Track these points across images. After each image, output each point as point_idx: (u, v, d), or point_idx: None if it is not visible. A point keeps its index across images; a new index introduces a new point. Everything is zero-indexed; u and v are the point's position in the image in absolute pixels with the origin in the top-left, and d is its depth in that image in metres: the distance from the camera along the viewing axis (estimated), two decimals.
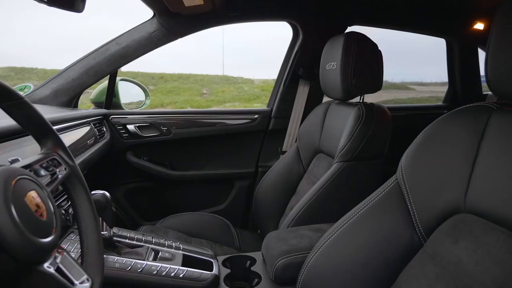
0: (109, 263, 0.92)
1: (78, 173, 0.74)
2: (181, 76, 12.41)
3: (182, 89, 11.60)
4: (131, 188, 1.85)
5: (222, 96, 11.28)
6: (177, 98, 10.67)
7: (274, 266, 0.98)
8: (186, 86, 11.90)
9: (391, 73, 11.37)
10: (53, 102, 1.56)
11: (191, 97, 10.94)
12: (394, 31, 1.98)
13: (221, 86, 12.14)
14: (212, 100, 11.08)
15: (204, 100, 11.00)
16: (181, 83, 12.01)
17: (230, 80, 12.78)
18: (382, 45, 1.35)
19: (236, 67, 18.54)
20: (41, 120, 0.69)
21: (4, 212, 0.47)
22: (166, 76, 12.31)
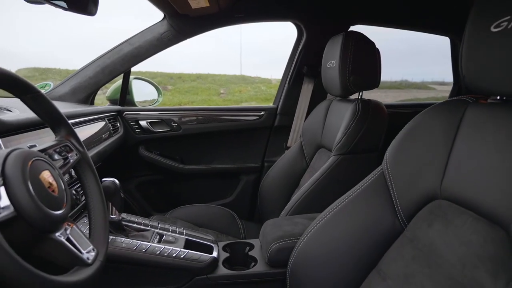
0: (117, 243, 1.01)
1: (87, 158, 0.84)
2: (199, 76, 12.55)
3: (200, 88, 11.74)
4: (143, 181, 1.96)
5: (239, 96, 11.36)
6: (194, 98, 10.81)
7: (269, 250, 1.05)
8: (204, 86, 12.03)
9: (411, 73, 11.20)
10: (72, 99, 1.68)
11: (208, 97, 11.06)
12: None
13: (238, 86, 12.22)
14: (229, 99, 11.17)
15: (221, 100, 11.10)
16: (199, 83, 12.14)
17: (248, 80, 12.85)
18: (401, 44, 1.40)
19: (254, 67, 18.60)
20: (55, 111, 0.78)
21: (22, 187, 0.56)
22: (184, 76, 12.47)
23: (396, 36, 1.84)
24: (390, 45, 1.51)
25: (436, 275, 0.69)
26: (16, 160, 0.59)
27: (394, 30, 1.97)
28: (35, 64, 11.72)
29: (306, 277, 0.91)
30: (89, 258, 0.68)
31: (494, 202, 0.63)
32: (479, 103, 0.76)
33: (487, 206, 0.64)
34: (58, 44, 16.24)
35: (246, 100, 10.91)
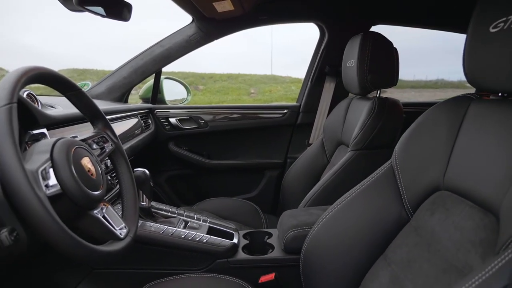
0: (146, 227, 1.12)
1: (121, 148, 0.95)
2: (230, 76, 12.69)
3: (231, 88, 11.86)
4: (172, 175, 2.08)
5: (269, 96, 11.40)
6: (225, 98, 10.95)
7: (285, 238, 1.13)
8: (235, 85, 12.15)
9: (448, 71, 10.81)
10: (107, 98, 1.82)
11: (239, 97, 11.15)
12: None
13: (269, 86, 12.25)
14: (259, 99, 11.23)
15: (252, 100, 11.17)
16: (230, 83, 12.27)
17: (278, 79, 12.86)
18: (436, 42, 1.41)
19: (285, 67, 18.58)
20: (94, 106, 0.90)
21: (67, 169, 0.67)
22: (215, 76, 12.64)
23: (431, 34, 1.82)
24: (425, 43, 1.50)
25: (434, 258, 0.74)
26: (62, 146, 0.70)
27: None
28: (74, 65, 12.35)
29: (318, 262, 0.97)
30: (121, 233, 0.78)
31: (488, 192, 0.67)
32: (483, 99, 0.80)
33: (482, 195, 0.68)
34: (96, 46, 16.99)
35: (276, 100, 10.93)
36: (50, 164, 0.66)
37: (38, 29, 19.17)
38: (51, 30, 18.82)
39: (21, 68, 0.67)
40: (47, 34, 18.99)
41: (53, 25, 20.03)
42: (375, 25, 1.89)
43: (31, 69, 0.69)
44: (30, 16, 17.71)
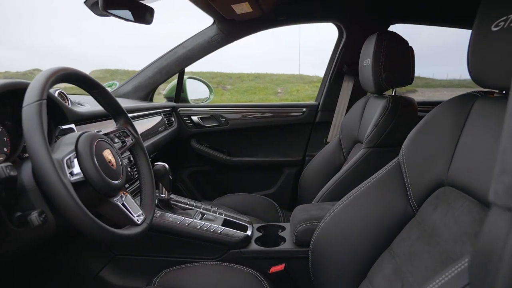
0: (164, 217, 1.19)
1: (141, 142, 1.03)
2: (258, 76, 12.75)
3: (258, 88, 11.93)
4: (194, 171, 2.16)
5: (296, 95, 11.38)
6: (252, 97, 11.03)
7: (295, 231, 1.17)
8: (262, 85, 12.20)
9: None
10: (134, 96, 1.92)
11: (266, 96, 11.20)
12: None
13: (296, 85, 12.22)
14: (286, 99, 11.23)
15: (278, 99, 11.19)
16: (257, 83, 12.34)
17: (306, 79, 12.80)
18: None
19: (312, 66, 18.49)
20: (116, 104, 0.98)
21: (89, 159, 0.75)
22: (243, 76, 12.75)
23: (464, 36, 1.77)
24: (460, 40, 1.47)
25: (433, 251, 0.77)
26: (86, 139, 0.78)
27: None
28: (107, 65, 12.85)
29: (326, 254, 1.01)
30: (138, 220, 0.85)
31: (487, 186, 0.69)
32: (487, 97, 0.81)
33: (482, 190, 0.70)
34: (127, 47, 17.59)
35: (303, 99, 10.90)
36: (75, 155, 0.74)
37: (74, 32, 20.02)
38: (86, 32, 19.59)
39: (50, 69, 0.75)
40: (82, 36, 19.79)
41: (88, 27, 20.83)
42: (393, 24, 1.89)
43: (59, 69, 0.77)
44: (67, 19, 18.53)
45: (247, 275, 1.07)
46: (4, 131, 0.87)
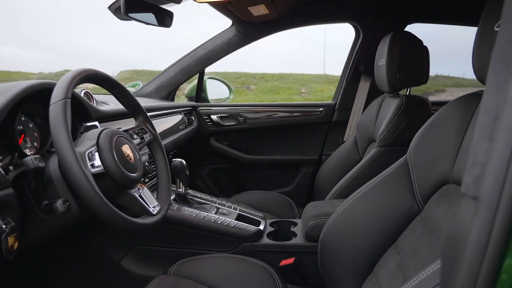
0: (181, 211, 1.26)
1: (158, 139, 1.09)
2: (282, 76, 12.73)
3: (282, 88, 11.91)
4: (213, 168, 2.23)
5: (320, 95, 11.30)
6: (276, 97, 11.03)
7: (306, 226, 1.21)
8: (286, 85, 12.18)
9: None
10: (156, 96, 2.01)
11: (289, 96, 11.18)
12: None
13: (320, 85, 12.12)
14: (310, 99, 11.17)
15: (302, 99, 11.14)
16: (281, 83, 12.32)
17: (331, 79, 12.66)
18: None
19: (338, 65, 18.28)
20: (135, 102, 1.05)
21: (109, 153, 0.81)
22: (267, 76, 12.76)
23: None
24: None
25: (434, 247, 0.79)
26: (106, 135, 0.85)
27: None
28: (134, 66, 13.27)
29: (333, 249, 1.04)
30: (153, 210, 0.92)
31: None
32: None
33: None
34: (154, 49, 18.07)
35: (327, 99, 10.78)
36: (96, 149, 0.81)
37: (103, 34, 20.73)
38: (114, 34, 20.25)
39: (75, 70, 0.83)
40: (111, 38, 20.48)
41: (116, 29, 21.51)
42: (410, 23, 1.88)
43: (82, 71, 0.84)
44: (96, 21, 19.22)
45: (258, 267, 1.12)
46: (35, 128, 0.96)
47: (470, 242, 0.38)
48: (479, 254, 0.36)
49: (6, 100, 0.78)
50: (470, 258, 0.37)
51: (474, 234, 0.37)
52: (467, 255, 0.37)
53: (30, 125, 0.95)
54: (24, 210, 0.77)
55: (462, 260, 0.38)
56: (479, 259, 0.36)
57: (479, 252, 0.36)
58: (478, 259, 0.36)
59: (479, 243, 0.36)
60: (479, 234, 0.37)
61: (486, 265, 0.36)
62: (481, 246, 0.36)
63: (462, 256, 0.38)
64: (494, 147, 0.36)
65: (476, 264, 0.36)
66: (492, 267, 0.35)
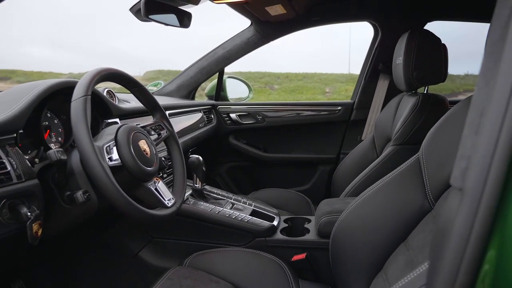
0: (197, 205, 1.30)
1: (174, 135, 1.14)
2: (306, 76, 12.66)
3: (306, 88, 11.86)
4: (232, 166, 2.27)
5: (344, 95, 11.16)
6: (299, 97, 10.99)
7: (318, 223, 1.22)
8: (310, 85, 12.11)
9: None
10: (177, 95, 2.07)
11: (313, 96, 11.12)
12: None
13: (345, 85, 11.98)
14: (334, 98, 11.08)
15: (326, 99, 11.08)
16: (305, 82, 12.26)
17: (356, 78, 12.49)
18: None
19: None
20: (153, 100, 1.09)
21: (126, 148, 0.86)
22: (291, 75, 12.73)
23: None
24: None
25: None
26: (124, 130, 0.89)
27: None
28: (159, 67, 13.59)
29: (344, 246, 1.05)
30: (168, 203, 0.96)
31: None
32: None
33: None
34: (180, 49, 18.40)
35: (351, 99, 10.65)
36: (114, 143, 0.86)
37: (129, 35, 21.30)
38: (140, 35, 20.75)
39: (95, 69, 0.88)
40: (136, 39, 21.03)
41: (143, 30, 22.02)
42: (430, 21, 1.86)
43: (102, 70, 0.89)
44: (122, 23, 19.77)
45: (270, 262, 1.15)
46: (59, 123, 1.02)
47: (454, 232, 0.39)
48: (462, 244, 0.37)
49: (33, 97, 0.84)
50: (454, 248, 0.38)
51: (458, 224, 0.38)
52: (450, 245, 0.39)
53: (55, 121, 1.01)
54: (48, 200, 0.83)
55: (446, 251, 0.40)
56: (462, 249, 0.37)
57: (462, 242, 0.37)
58: (461, 249, 0.37)
59: (462, 233, 0.38)
60: (462, 225, 0.38)
61: (468, 254, 0.37)
62: (464, 236, 0.37)
63: (447, 246, 0.40)
64: (479, 141, 0.38)
65: (459, 254, 0.38)
66: (474, 256, 0.37)
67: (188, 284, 0.97)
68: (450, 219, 0.41)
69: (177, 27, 1.38)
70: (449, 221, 0.41)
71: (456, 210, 0.39)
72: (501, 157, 0.35)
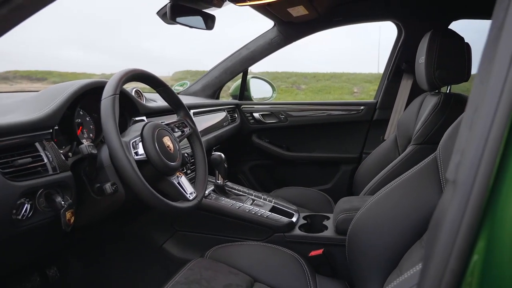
0: (219, 200, 1.35)
1: (197, 133, 1.19)
2: (334, 75, 12.55)
3: (333, 88, 11.75)
4: (255, 164, 2.31)
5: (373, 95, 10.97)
6: (326, 97, 10.90)
7: (336, 220, 1.25)
8: (337, 85, 11.99)
9: None
10: (202, 94, 2.13)
11: (340, 96, 11.00)
12: None
13: (374, 85, 11.77)
14: (362, 99, 10.93)
15: (354, 99, 10.95)
16: (333, 82, 12.15)
17: None
18: None
19: None
20: (177, 99, 1.15)
21: (151, 144, 0.92)
22: (318, 75, 12.65)
23: None
24: None
25: None
26: (149, 127, 0.95)
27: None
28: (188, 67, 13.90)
29: (360, 243, 1.07)
30: (190, 196, 1.01)
31: None
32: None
33: None
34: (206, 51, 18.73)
35: None
36: (140, 139, 0.92)
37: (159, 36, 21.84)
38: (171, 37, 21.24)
39: (123, 70, 0.94)
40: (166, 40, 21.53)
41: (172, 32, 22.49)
42: (455, 20, 1.82)
43: (130, 70, 0.96)
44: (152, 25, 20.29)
45: (288, 257, 1.18)
46: (91, 121, 1.10)
47: (445, 223, 0.41)
48: (453, 234, 0.40)
49: (66, 96, 0.92)
50: (445, 239, 0.41)
51: (449, 215, 0.41)
52: (442, 235, 0.41)
53: (87, 119, 1.09)
54: (79, 190, 0.90)
55: (438, 239, 0.42)
56: (453, 239, 0.40)
57: (452, 233, 0.40)
58: (451, 239, 0.40)
59: (453, 224, 0.40)
60: (453, 214, 0.40)
61: (458, 243, 0.39)
62: (455, 227, 0.40)
63: (439, 235, 0.42)
64: (472, 136, 0.40)
65: (450, 244, 0.40)
66: (464, 246, 0.39)
67: (208, 275, 1.02)
68: (443, 210, 0.43)
69: (202, 29, 1.44)
70: (442, 212, 0.44)
71: (449, 201, 0.42)
72: (491, 151, 0.37)
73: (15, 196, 0.74)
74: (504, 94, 0.38)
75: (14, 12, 0.57)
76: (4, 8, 0.56)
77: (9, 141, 0.77)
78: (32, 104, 0.91)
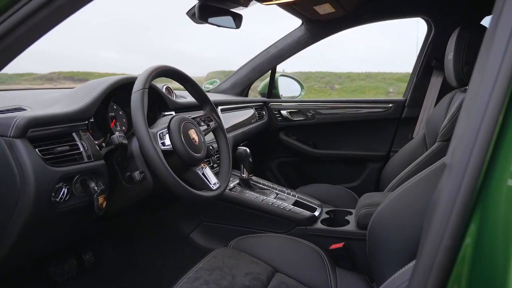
0: (244, 194, 1.40)
1: (222, 127, 1.24)
2: (369, 75, 12.28)
3: (367, 87, 11.50)
4: (282, 161, 2.35)
5: None
6: (360, 97, 10.73)
7: (358, 215, 1.26)
8: (372, 84, 11.73)
9: None
10: (231, 92, 2.19)
11: (375, 96, 10.78)
12: None
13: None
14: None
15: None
16: (368, 82, 11.90)
17: None
18: None
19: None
20: (203, 94, 1.21)
21: (177, 135, 0.98)
22: (353, 75, 12.42)
23: None
24: None
25: None
26: (176, 120, 1.02)
27: None
28: (221, 68, 14.13)
29: (380, 237, 1.08)
30: (213, 187, 1.07)
31: None
32: None
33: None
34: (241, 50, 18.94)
35: None
36: (167, 131, 0.99)
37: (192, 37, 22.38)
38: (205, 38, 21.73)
39: (152, 66, 1.01)
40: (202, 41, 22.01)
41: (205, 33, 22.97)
42: (488, 15, 1.77)
43: (159, 67, 1.02)
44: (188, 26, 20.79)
45: (309, 249, 1.21)
46: (124, 115, 1.18)
47: (440, 203, 0.43)
48: (447, 214, 0.42)
49: (100, 90, 1.00)
50: (439, 217, 0.43)
51: (444, 196, 0.43)
52: (436, 217, 0.43)
53: (120, 113, 1.17)
54: (111, 178, 0.98)
55: (434, 218, 0.44)
56: (447, 218, 0.42)
57: (447, 212, 0.42)
58: (445, 220, 0.42)
59: (447, 206, 0.42)
60: (448, 196, 0.42)
61: (451, 225, 0.41)
62: (449, 206, 0.42)
63: (435, 215, 0.44)
64: (468, 123, 0.42)
65: (443, 225, 0.42)
66: (456, 227, 0.41)
67: (231, 263, 1.06)
68: (440, 192, 0.45)
69: (229, 28, 1.49)
70: (439, 194, 0.46)
71: (445, 183, 0.44)
72: (485, 136, 0.39)
73: (54, 180, 0.82)
74: (497, 82, 0.39)
75: (55, 12, 0.65)
76: (46, 9, 0.63)
77: (50, 130, 0.85)
78: (70, 98, 0.99)
